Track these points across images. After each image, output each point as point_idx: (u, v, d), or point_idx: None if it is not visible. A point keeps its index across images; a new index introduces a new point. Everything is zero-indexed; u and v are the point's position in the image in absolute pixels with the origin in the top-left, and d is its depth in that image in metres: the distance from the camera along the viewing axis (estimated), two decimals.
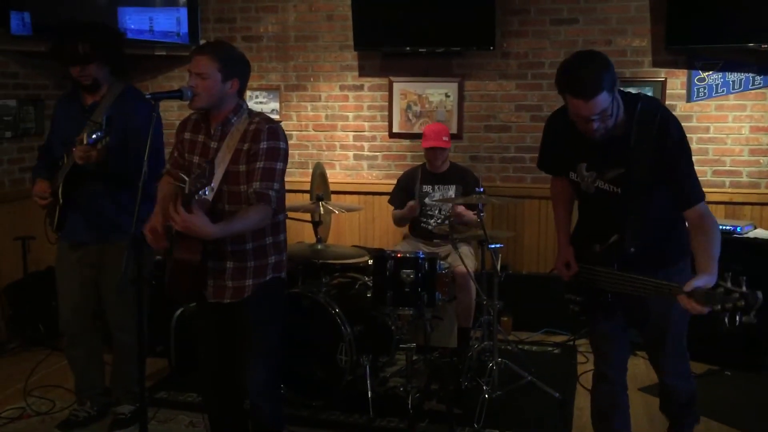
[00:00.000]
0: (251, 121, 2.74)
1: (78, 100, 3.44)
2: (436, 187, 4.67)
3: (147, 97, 2.80)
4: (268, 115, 2.85)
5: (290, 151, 6.19)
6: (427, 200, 4.67)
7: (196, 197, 2.45)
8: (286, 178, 6.15)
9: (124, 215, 3.37)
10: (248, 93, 5.75)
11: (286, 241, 2.92)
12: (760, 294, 2.24)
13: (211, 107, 2.75)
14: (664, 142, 2.54)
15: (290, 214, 4.16)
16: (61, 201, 3.38)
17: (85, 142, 3.09)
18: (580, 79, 2.50)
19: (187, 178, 2.59)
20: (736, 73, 4.92)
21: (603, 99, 2.47)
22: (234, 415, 2.99)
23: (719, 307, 2.26)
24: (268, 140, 2.69)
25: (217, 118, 2.78)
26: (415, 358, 3.81)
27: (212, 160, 2.62)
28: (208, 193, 2.46)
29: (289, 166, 6.24)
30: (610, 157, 2.64)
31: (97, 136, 3.06)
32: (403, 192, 4.77)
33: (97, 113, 3.31)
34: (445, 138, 4.61)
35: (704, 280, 2.35)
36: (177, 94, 2.90)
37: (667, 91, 5.09)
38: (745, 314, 2.25)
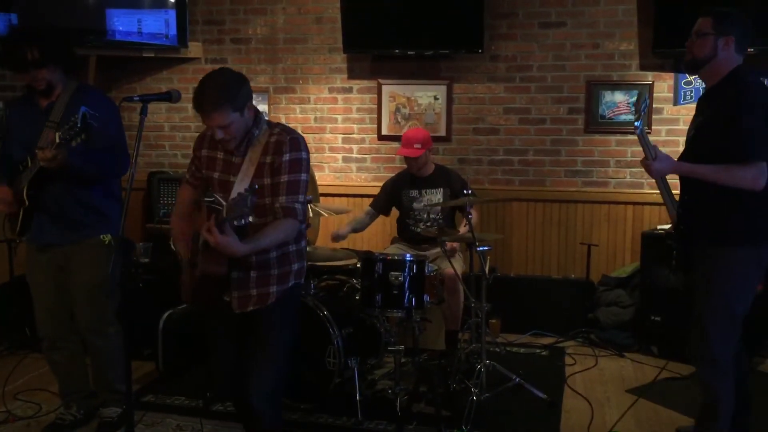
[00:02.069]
0: (272, 132, 2.74)
1: (33, 103, 3.38)
2: (423, 191, 4.67)
3: (135, 99, 2.78)
4: (285, 125, 2.84)
5: None
6: (414, 205, 4.67)
7: (235, 223, 2.44)
8: None
9: (91, 214, 3.35)
10: None
11: (306, 247, 2.93)
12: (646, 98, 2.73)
13: (243, 138, 2.73)
14: (737, 98, 2.86)
15: None
16: (26, 203, 3.32)
17: (57, 141, 3.05)
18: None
19: (223, 202, 2.56)
20: None
21: (705, 23, 2.95)
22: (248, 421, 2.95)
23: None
24: (291, 152, 2.68)
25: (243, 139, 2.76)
26: (403, 360, 3.81)
27: (252, 188, 2.51)
28: (245, 223, 2.44)
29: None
30: (702, 108, 3.05)
31: (72, 133, 3.02)
32: (388, 197, 4.77)
33: (54, 113, 3.26)
34: (417, 145, 4.53)
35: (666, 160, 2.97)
36: (165, 97, 2.90)
37: (655, 95, 5.12)
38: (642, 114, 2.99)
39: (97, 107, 3.20)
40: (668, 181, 3.15)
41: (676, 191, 3.19)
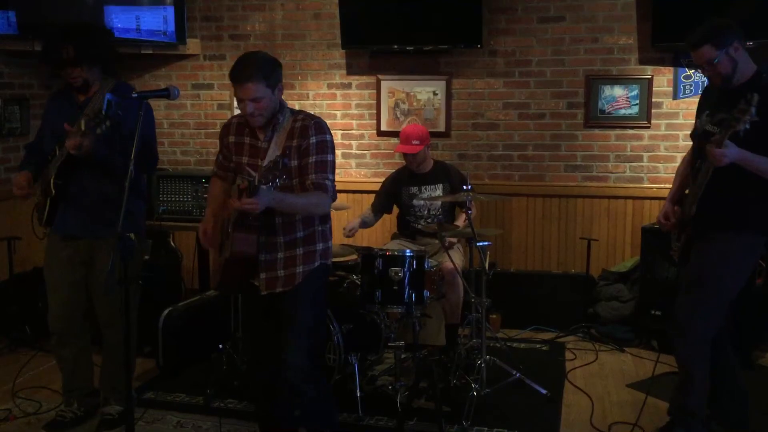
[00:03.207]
0: (295, 118, 2.86)
1: (70, 98, 3.43)
2: (422, 187, 4.66)
3: (133, 96, 2.78)
4: (306, 111, 2.97)
5: None
6: (414, 201, 4.66)
7: (270, 185, 2.52)
8: None
9: (115, 210, 3.35)
10: None
11: (331, 229, 3.02)
12: (756, 95, 2.75)
13: (270, 118, 2.85)
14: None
15: None
16: (53, 192, 3.36)
17: (83, 128, 3.07)
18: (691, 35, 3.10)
19: (253, 173, 2.59)
20: None
21: (706, 51, 3.02)
22: (277, 409, 3.00)
23: (734, 122, 2.78)
24: (316, 135, 2.80)
25: (269, 121, 2.86)
26: (403, 356, 3.81)
27: (284, 154, 2.68)
28: (278, 183, 2.54)
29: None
30: (724, 104, 3.04)
31: (97, 120, 3.03)
32: (388, 195, 4.76)
33: (90, 108, 3.29)
34: (415, 142, 4.52)
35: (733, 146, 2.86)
36: (164, 93, 2.90)
37: (654, 89, 5.11)
38: (750, 114, 2.75)
39: (128, 104, 3.20)
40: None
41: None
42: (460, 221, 4.60)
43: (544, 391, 3.90)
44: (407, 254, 3.86)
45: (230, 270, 2.83)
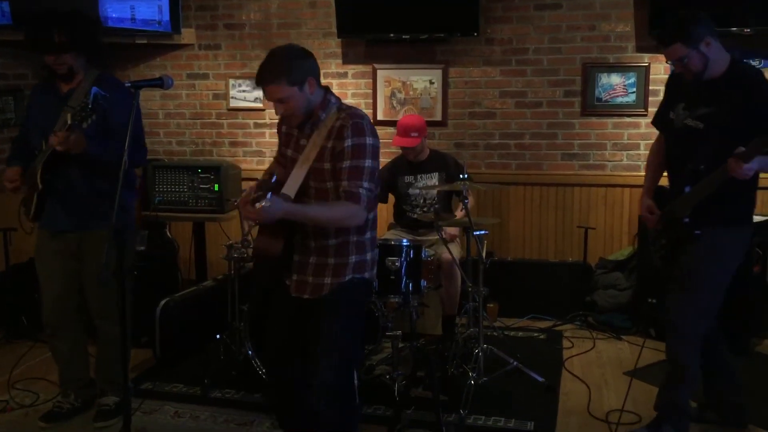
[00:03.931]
0: (339, 116, 2.64)
1: (54, 89, 3.39)
2: (418, 176, 4.65)
3: (127, 85, 2.76)
4: (354, 108, 2.72)
5: (274, 140, 6.15)
6: (410, 190, 4.65)
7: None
8: None
9: (105, 202, 3.34)
10: (231, 81, 5.71)
11: (374, 240, 2.78)
12: None
13: (306, 117, 2.66)
14: (757, 92, 2.92)
15: None
16: (40, 187, 3.33)
17: (68, 122, 3.04)
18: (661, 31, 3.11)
19: (275, 175, 2.60)
20: None
21: (678, 49, 2.95)
22: (297, 413, 2.84)
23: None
24: (353, 137, 2.58)
25: (308, 117, 2.70)
26: (401, 345, 3.81)
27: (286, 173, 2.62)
28: (265, 203, 2.36)
29: (272, 154, 6.21)
30: (705, 99, 3.02)
31: (83, 114, 3.00)
32: (385, 184, 4.74)
33: (74, 99, 3.26)
34: (413, 134, 4.50)
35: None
36: (157, 83, 2.87)
37: (651, 76, 5.09)
38: None
39: (114, 95, 3.18)
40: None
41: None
42: (457, 211, 4.59)
43: (541, 380, 3.91)
44: (404, 244, 3.85)
45: (257, 264, 2.79)
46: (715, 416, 3.43)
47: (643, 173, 5.13)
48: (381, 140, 5.94)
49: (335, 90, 5.58)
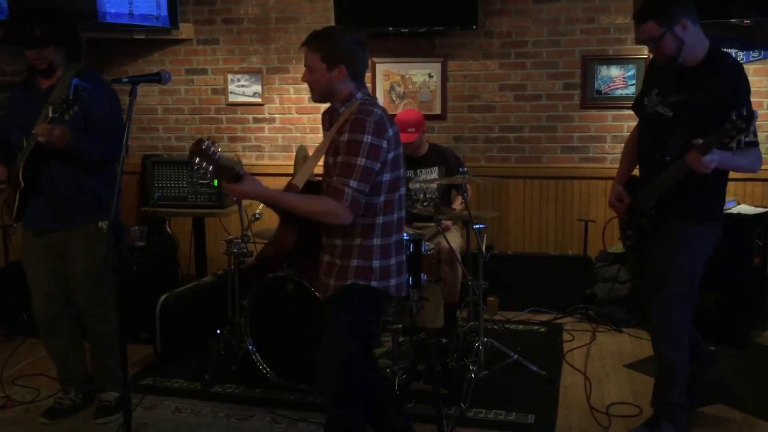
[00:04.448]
0: (352, 111, 2.55)
1: (34, 86, 3.36)
2: (418, 171, 4.65)
3: (124, 80, 2.75)
4: (371, 104, 2.56)
5: (273, 135, 6.13)
6: (410, 185, 4.65)
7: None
8: (270, 162, 6.09)
9: (89, 198, 3.33)
10: (230, 76, 5.70)
11: (385, 248, 2.62)
12: (756, 112, 2.58)
13: (325, 98, 2.63)
14: (729, 84, 2.83)
15: None
16: (22, 185, 3.29)
17: (50, 115, 3.03)
18: (637, 8, 3.02)
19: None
20: None
21: (651, 28, 2.87)
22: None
23: (727, 138, 2.58)
24: (350, 132, 2.48)
25: (330, 109, 2.68)
26: (401, 339, 3.81)
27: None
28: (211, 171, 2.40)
29: (271, 149, 6.19)
30: (678, 86, 2.96)
31: (65, 106, 2.99)
32: None
33: (54, 95, 3.24)
34: (411, 129, 4.48)
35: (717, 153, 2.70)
36: (155, 78, 2.87)
37: None
38: (746, 134, 2.57)
39: (95, 89, 3.17)
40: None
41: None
42: (457, 204, 4.58)
43: (542, 373, 3.91)
44: (404, 237, 3.83)
45: (272, 254, 2.78)
46: (700, 400, 3.38)
47: None
48: None
49: None
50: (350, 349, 2.65)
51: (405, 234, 3.88)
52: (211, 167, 2.41)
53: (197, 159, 2.40)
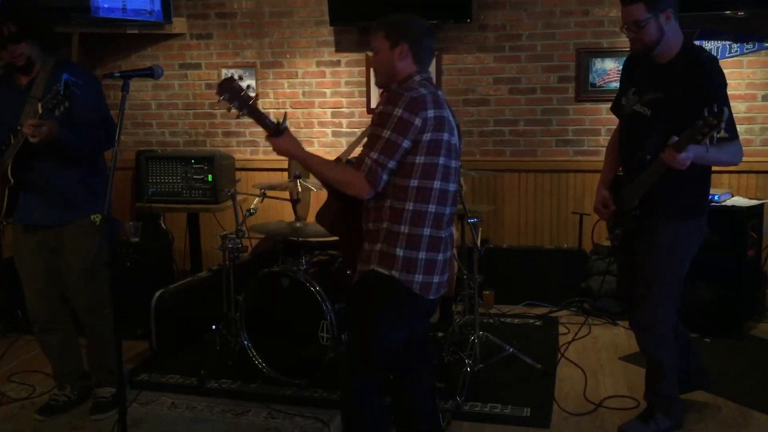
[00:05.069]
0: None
1: (13, 83, 3.33)
2: None
3: (116, 75, 2.73)
4: (423, 86, 2.48)
5: None
6: None
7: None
8: (264, 157, 6.07)
9: (80, 190, 3.31)
10: (224, 71, 5.67)
11: (415, 238, 2.46)
12: (726, 109, 2.52)
13: (387, 80, 2.56)
14: (703, 79, 2.81)
15: (269, 193, 4.14)
16: (11, 182, 3.26)
17: (40, 111, 3.00)
18: None
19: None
20: (712, 42, 4.91)
21: (638, 10, 2.80)
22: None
23: (699, 135, 2.55)
24: (383, 105, 2.41)
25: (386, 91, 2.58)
26: None
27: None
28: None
29: (266, 144, 6.12)
30: (654, 83, 2.93)
31: (55, 102, 2.96)
32: None
33: (35, 89, 3.21)
34: None
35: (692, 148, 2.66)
36: (148, 72, 2.85)
37: None
38: (717, 130, 2.53)
39: (79, 78, 3.14)
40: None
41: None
42: None
43: (537, 366, 3.91)
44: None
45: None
46: (682, 387, 3.34)
47: None
48: None
49: (329, 78, 5.57)
50: (371, 350, 2.54)
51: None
52: (244, 110, 2.41)
53: (225, 96, 2.39)
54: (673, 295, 3.08)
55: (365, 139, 2.48)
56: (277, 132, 2.46)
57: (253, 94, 2.41)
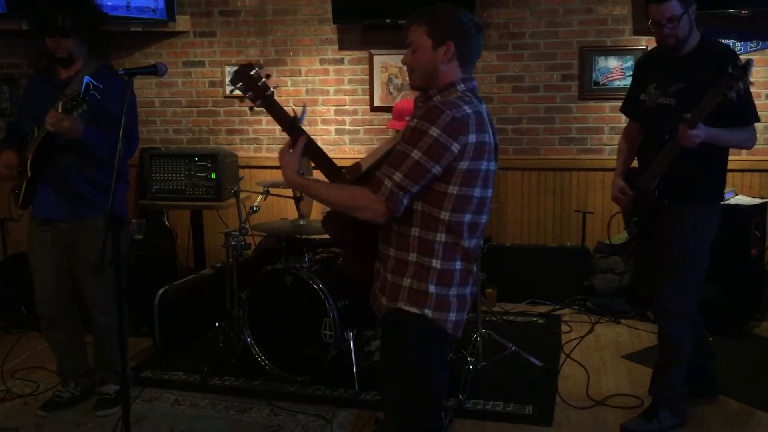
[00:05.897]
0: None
1: (52, 76, 3.37)
2: None
3: (120, 72, 2.74)
4: (463, 99, 2.15)
5: (271, 127, 6.10)
6: None
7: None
8: (267, 155, 6.07)
9: (98, 192, 3.32)
10: (227, 69, 5.68)
11: (447, 273, 2.16)
12: (751, 59, 2.66)
13: (426, 82, 2.21)
14: (719, 61, 2.86)
15: (272, 190, 4.14)
16: (29, 174, 3.30)
17: (59, 110, 3.02)
18: None
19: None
20: None
21: (673, 6, 2.87)
22: None
23: (726, 89, 2.67)
24: (418, 120, 2.07)
25: (423, 96, 2.25)
26: None
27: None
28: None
29: (269, 142, 6.17)
30: (675, 75, 3.01)
31: (74, 103, 2.98)
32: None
33: (70, 88, 3.24)
34: (408, 118, 4.48)
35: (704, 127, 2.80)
36: (151, 70, 2.86)
37: None
38: (744, 79, 2.68)
39: (108, 91, 3.13)
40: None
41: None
42: None
43: (540, 364, 3.92)
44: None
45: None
46: (691, 388, 3.37)
47: None
48: (377, 126, 5.91)
49: (332, 76, 5.57)
50: (430, 416, 2.27)
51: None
52: (259, 101, 2.32)
53: (240, 85, 2.29)
54: (695, 280, 3.14)
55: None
56: (293, 128, 2.27)
57: (273, 86, 2.25)
